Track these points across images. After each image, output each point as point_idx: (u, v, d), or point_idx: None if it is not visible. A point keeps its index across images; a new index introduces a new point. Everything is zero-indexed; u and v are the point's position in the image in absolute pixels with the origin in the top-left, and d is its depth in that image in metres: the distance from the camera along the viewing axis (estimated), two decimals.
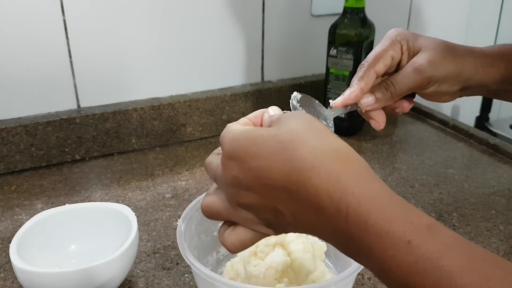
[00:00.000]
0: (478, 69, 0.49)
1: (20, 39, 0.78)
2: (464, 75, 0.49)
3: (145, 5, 0.85)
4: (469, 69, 0.49)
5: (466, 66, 0.49)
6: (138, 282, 0.57)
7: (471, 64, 0.49)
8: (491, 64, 0.49)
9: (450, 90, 0.50)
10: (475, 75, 0.49)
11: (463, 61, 0.49)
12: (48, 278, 0.49)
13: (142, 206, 0.72)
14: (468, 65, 0.49)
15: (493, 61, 0.50)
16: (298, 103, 0.49)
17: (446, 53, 0.48)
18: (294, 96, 0.48)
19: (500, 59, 0.50)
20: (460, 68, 0.49)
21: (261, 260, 0.50)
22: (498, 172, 0.83)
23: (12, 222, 0.68)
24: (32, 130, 0.80)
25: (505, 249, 0.63)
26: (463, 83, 0.50)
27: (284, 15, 0.98)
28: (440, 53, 0.48)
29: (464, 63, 0.49)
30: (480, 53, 0.50)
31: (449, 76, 0.49)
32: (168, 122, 0.91)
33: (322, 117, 0.49)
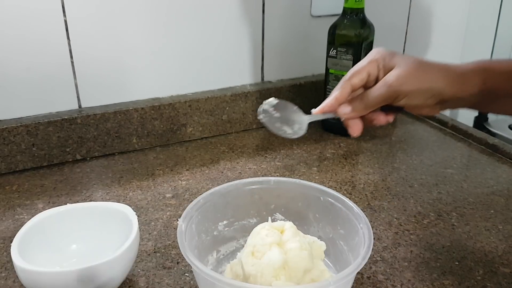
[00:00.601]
0: (450, 85, 0.53)
1: (21, 40, 0.78)
2: (434, 90, 0.53)
3: (146, 5, 0.85)
4: (439, 85, 0.53)
5: (435, 82, 0.53)
6: (139, 281, 0.58)
7: (442, 80, 0.53)
8: (463, 80, 0.53)
9: (425, 104, 0.54)
10: (447, 90, 0.53)
11: (433, 77, 0.53)
12: (49, 278, 0.49)
13: (142, 206, 0.73)
14: (438, 81, 0.53)
15: (466, 77, 0.53)
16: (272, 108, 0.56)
17: (415, 70, 0.53)
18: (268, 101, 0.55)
19: (475, 74, 0.53)
20: (428, 84, 0.53)
21: (258, 259, 0.50)
22: (497, 172, 0.84)
23: (13, 221, 0.69)
24: (33, 130, 0.81)
25: (504, 249, 0.63)
26: (436, 97, 0.53)
27: (284, 15, 0.98)
28: (409, 70, 0.53)
29: (434, 79, 0.53)
30: (454, 69, 0.54)
31: (416, 91, 0.53)
32: (168, 122, 0.92)
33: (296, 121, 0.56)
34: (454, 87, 0.53)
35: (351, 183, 0.79)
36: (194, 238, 0.55)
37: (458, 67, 0.54)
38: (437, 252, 0.63)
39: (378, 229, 0.67)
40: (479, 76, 0.53)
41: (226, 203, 0.60)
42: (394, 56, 0.54)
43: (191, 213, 0.55)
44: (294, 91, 1.02)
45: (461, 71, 0.53)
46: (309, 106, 1.03)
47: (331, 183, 0.79)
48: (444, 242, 0.65)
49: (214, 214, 0.59)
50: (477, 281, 0.58)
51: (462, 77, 0.53)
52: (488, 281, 0.58)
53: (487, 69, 0.53)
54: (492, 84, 0.52)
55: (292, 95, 1.02)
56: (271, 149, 0.92)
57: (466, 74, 0.53)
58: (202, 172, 0.83)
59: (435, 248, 0.64)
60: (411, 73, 0.52)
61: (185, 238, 0.51)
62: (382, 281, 0.57)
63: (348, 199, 0.57)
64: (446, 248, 0.64)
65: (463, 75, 0.53)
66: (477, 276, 0.58)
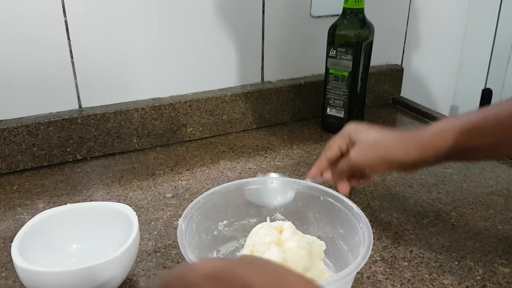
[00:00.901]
0: (408, 153, 0.58)
1: (22, 40, 0.78)
2: (390, 160, 0.59)
3: (146, 5, 0.86)
4: (395, 154, 0.58)
5: (391, 153, 0.59)
6: (139, 281, 0.58)
7: (398, 150, 0.58)
8: (424, 146, 0.57)
9: (388, 170, 0.61)
10: (406, 158, 0.58)
11: (388, 149, 0.59)
12: (49, 277, 0.49)
13: (143, 206, 0.73)
14: (394, 152, 0.59)
15: (428, 142, 0.57)
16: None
17: (371, 144, 0.61)
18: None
19: (439, 137, 0.56)
20: (383, 156, 0.59)
21: None
22: (497, 172, 0.84)
23: (13, 221, 0.69)
24: (34, 130, 0.81)
25: (504, 249, 0.64)
26: (396, 165, 0.59)
27: (284, 16, 0.99)
28: (366, 145, 0.61)
29: (389, 151, 0.59)
30: (413, 137, 0.58)
31: (373, 164, 0.61)
32: (168, 122, 0.92)
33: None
34: (413, 154, 0.57)
35: None
36: (194, 238, 0.55)
37: (419, 134, 0.58)
38: (436, 252, 0.63)
39: (378, 229, 0.67)
40: (445, 138, 0.55)
41: (226, 203, 0.60)
42: (358, 132, 0.63)
43: (191, 213, 0.55)
44: (294, 91, 1.02)
45: (422, 137, 0.57)
46: (309, 106, 1.04)
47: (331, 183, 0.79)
48: (443, 242, 0.65)
49: (214, 214, 0.59)
50: (476, 281, 0.58)
51: (422, 143, 0.57)
52: (487, 281, 0.58)
53: (456, 129, 0.55)
54: (465, 143, 0.55)
55: (292, 95, 1.02)
56: (271, 149, 0.92)
57: (428, 139, 0.57)
58: (202, 172, 0.83)
59: (434, 248, 0.64)
60: (368, 148, 0.61)
61: (185, 238, 0.51)
62: (382, 281, 0.58)
63: (348, 199, 0.57)
64: (446, 248, 0.64)
65: (424, 140, 0.57)
66: (477, 276, 0.59)
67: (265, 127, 1.02)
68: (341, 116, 0.95)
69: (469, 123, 0.54)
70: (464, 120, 0.55)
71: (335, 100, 0.95)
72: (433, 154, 0.56)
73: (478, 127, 0.54)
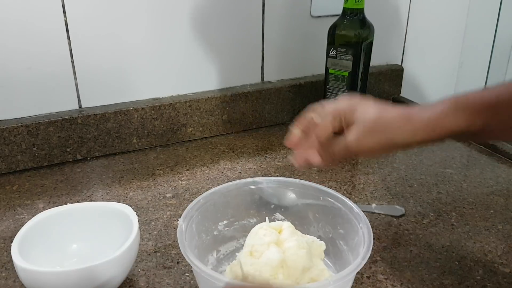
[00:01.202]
0: (415, 134, 0.51)
1: (22, 40, 0.78)
2: (394, 143, 0.52)
3: (146, 5, 0.86)
4: (400, 136, 0.51)
5: (399, 135, 0.51)
6: (139, 281, 0.58)
7: (405, 133, 0.51)
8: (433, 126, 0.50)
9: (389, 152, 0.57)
10: (413, 139, 0.51)
11: (393, 131, 0.51)
12: (49, 277, 0.49)
13: (143, 206, 0.73)
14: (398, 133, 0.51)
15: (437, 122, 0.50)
16: None
17: (373, 129, 0.52)
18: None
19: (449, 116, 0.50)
20: (387, 138, 0.52)
21: (257, 259, 0.50)
22: (497, 171, 0.84)
23: (13, 221, 0.69)
24: (34, 130, 0.81)
25: (504, 249, 0.64)
26: (400, 146, 0.52)
27: (284, 16, 0.99)
28: (367, 129, 0.52)
29: (393, 132, 0.51)
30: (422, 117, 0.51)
31: (375, 149, 0.53)
32: (168, 122, 0.92)
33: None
34: (421, 136, 0.51)
35: (351, 183, 0.80)
36: (194, 237, 0.55)
37: (427, 112, 0.51)
38: (436, 252, 0.63)
39: (378, 229, 0.67)
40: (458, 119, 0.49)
41: (227, 203, 0.60)
42: (355, 111, 0.54)
43: (191, 212, 0.55)
44: (294, 91, 1.02)
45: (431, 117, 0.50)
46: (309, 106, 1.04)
47: (331, 183, 0.79)
48: (443, 242, 0.65)
49: (214, 214, 0.59)
50: (476, 281, 0.58)
51: (432, 124, 0.50)
52: (487, 281, 0.58)
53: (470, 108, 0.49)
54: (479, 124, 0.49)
55: (292, 95, 1.02)
56: (271, 149, 0.92)
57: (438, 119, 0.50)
58: (202, 172, 0.83)
59: (434, 248, 0.64)
60: (369, 131, 0.52)
61: (185, 238, 0.51)
62: (382, 281, 0.58)
63: (348, 199, 0.57)
64: (446, 248, 0.64)
65: (434, 121, 0.50)
66: (477, 276, 0.59)
67: (265, 127, 1.02)
68: None
69: (482, 102, 0.49)
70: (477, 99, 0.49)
71: None
72: (442, 135, 0.50)
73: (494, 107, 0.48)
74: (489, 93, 0.49)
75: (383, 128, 0.52)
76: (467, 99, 0.50)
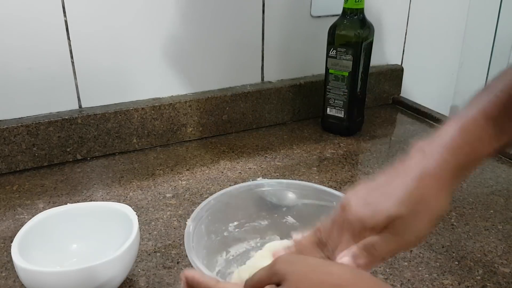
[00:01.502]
0: (438, 195, 0.42)
1: (22, 40, 0.78)
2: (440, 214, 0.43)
3: (146, 5, 0.86)
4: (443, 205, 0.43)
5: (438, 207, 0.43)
6: (139, 281, 0.58)
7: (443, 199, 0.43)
8: (448, 184, 0.42)
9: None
10: (446, 205, 0.43)
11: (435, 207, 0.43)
12: (49, 277, 0.49)
13: (143, 206, 0.73)
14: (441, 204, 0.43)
15: (450, 181, 0.43)
16: None
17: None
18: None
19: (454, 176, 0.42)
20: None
21: None
22: (497, 171, 0.84)
23: (13, 221, 0.69)
24: (34, 130, 0.81)
25: (504, 249, 0.64)
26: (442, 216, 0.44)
27: (284, 16, 0.99)
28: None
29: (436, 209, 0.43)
30: (433, 177, 0.42)
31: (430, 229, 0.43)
32: (168, 122, 0.92)
33: None
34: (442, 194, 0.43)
35: (351, 183, 0.80)
36: (203, 238, 0.54)
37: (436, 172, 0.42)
38: (436, 252, 0.63)
39: None
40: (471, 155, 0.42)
41: (237, 204, 0.60)
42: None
43: (201, 213, 0.54)
44: (294, 91, 1.02)
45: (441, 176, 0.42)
46: (309, 106, 1.04)
47: (331, 183, 0.79)
48: (443, 242, 0.65)
49: (224, 215, 0.59)
50: (476, 281, 0.58)
51: (443, 182, 0.42)
52: (487, 281, 0.58)
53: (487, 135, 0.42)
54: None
55: (292, 95, 1.02)
56: (271, 149, 0.92)
57: (447, 177, 0.42)
58: (202, 172, 0.83)
59: (434, 248, 0.64)
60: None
61: (193, 239, 0.50)
62: (382, 280, 0.58)
63: None
64: (446, 248, 0.64)
65: (443, 180, 0.42)
66: (477, 275, 0.59)
67: (265, 127, 1.02)
68: (341, 116, 0.96)
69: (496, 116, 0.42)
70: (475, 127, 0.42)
71: (335, 100, 0.95)
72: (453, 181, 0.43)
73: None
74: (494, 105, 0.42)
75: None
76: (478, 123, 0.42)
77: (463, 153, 0.42)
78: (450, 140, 0.42)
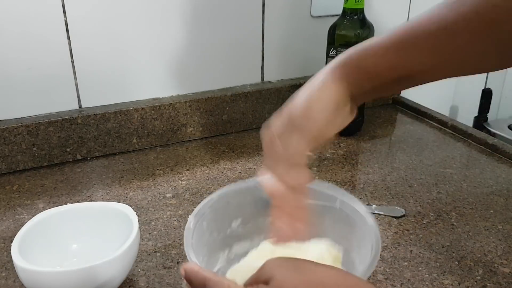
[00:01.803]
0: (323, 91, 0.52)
1: (22, 40, 0.78)
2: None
3: (146, 5, 0.86)
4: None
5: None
6: (139, 281, 0.58)
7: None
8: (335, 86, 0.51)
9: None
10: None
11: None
12: (49, 277, 0.49)
13: (143, 206, 0.73)
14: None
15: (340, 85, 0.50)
16: None
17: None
18: None
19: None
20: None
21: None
22: (497, 172, 0.84)
23: (13, 221, 0.69)
24: (34, 130, 0.81)
25: (504, 249, 0.64)
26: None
27: (284, 16, 0.99)
28: None
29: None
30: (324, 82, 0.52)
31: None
32: (168, 122, 0.92)
33: None
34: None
35: (351, 183, 0.80)
36: (204, 235, 0.54)
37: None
38: (436, 252, 0.63)
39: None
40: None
41: (241, 202, 0.59)
42: None
43: (203, 209, 0.54)
44: (294, 91, 1.01)
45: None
46: None
47: (330, 183, 0.79)
48: (443, 242, 0.65)
49: (228, 212, 0.58)
50: (476, 281, 0.58)
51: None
52: (487, 281, 0.58)
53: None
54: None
55: (292, 95, 1.02)
56: None
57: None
58: (202, 172, 0.83)
59: (434, 248, 0.64)
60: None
61: (193, 235, 0.50)
62: (382, 281, 0.58)
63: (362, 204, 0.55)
64: (446, 248, 0.64)
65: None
66: (477, 276, 0.59)
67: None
68: None
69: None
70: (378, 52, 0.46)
71: None
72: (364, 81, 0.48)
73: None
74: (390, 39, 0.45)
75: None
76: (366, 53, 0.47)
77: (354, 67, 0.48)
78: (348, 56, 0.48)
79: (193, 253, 0.47)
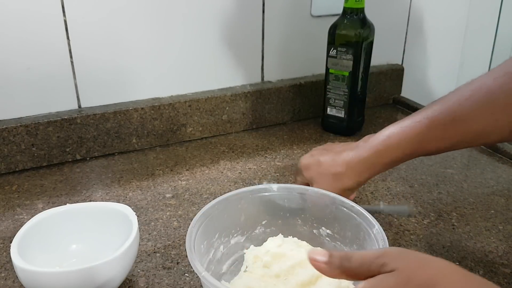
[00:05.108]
0: (362, 176, 0.63)
1: (21, 40, 0.78)
2: (345, 188, 0.63)
3: (145, 5, 0.85)
4: (349, 184, 0.63)
5: (345, 184, 0.63)
6: (139, 281, 0.58)
7: (351, 179, 0.63)
8: (375, 165, 0.62)
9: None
10: (360, 180, 0.63)
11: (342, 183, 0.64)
12: (49, 278, 0.49)
13: (142, 206, 0.73)
14: (347, 182, 0.63)
15: (377, 162, 0.62)
16: None
17: (324, 185, 0.63)
18: None
19: (387, 153, 0.61)
20: (339, 189, 0.63)
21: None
22: (497, 172, 0.84)
23: (13, 221, 0.69)
24: (33, 130, 0.81)
25: (504, 249, 0.63)
26: (352, 189, 0.65)
27: (284, 15, 0.98)
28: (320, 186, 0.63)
29: (342, 184, 0.63)
30: (365, 161, 0.62)
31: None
32: (168, 122, 0.91)
33: None
34: (365, 176, 0.63)
35: None
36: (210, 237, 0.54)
37: (368, 156, 0.62)
38: (437, 252, 0.63)
39: None
40: (397, 153, 0.60)
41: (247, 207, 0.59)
42: (309, 171, 0.67)
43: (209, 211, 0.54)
44: (294, 91, 1.02)
45: (372, 161, 0.62)
46: (309, 106, 1.04)
47: None
48: (444, 242, 0.65)
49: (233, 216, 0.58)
50: None
51: (373, 167, 0.62)
52: None
53: (407, 141, 0.59)
54: (420, 151, 0.59)
55: (292, 95, 1.02)
56: (271, 149, 0.92)
57: (377, 159, 0.61)
58: (202, 172, 0.83)
59: (435, 248, 0.64)
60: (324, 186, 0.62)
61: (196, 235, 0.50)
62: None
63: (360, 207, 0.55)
64: (446, 248, 0.64)
65: (374, 163, 0.61)
66: None
67: (265, 127, 1.02)
68: (341, 116, 0.95)
69: (421, 132, 0.58)
70: (414, 129, 0.58)
71: (335, 100, 0.95)
72: (384, 169, 0.62)
73: (432, 134, 0.57)
74: (425, 119, 0.59)
75: (333, 182, 0.63)
76: (404, 130, 0.60)
77: (396, 148, 0.60)
78: (388, 136, 0.61)
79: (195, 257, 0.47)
